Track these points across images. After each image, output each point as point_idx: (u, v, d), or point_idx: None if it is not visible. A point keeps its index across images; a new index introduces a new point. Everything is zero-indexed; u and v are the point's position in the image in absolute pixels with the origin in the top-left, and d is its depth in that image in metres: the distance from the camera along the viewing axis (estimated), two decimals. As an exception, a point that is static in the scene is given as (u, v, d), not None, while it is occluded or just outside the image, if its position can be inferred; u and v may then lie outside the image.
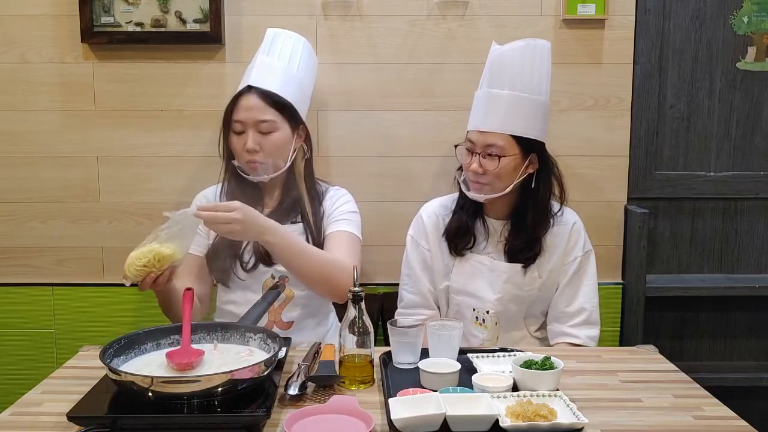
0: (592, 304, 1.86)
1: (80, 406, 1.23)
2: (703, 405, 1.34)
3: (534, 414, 1.20)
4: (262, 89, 1.80)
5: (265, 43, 1.89)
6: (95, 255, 2.22)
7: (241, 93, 1.81)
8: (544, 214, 1.84)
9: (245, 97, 1.80)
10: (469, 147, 1.81)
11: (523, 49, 1.78)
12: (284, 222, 1.80)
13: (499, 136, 1.76)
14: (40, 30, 2.12)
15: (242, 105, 1.79)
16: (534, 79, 1.77)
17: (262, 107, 1.78)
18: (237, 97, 1.81)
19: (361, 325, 1.43)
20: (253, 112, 1.78)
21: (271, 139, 1.79)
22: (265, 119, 1.78)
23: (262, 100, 1.79)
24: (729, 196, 2.30)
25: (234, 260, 1.82)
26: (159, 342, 1.43)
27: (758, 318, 2.34)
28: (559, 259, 1.85)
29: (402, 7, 2.13)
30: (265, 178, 1.82)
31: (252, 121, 1.78)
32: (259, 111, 1.78)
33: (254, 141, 1.77)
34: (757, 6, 2.20)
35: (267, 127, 1.78)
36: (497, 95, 1.77)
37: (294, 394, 1.31)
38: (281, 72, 1.85)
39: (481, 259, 1.86)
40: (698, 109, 2.26)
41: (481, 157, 1.77)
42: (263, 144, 1.78)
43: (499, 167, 1.76)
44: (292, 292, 1.83)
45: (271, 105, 1.79)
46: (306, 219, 1.83)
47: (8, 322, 2.24)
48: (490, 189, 1.79)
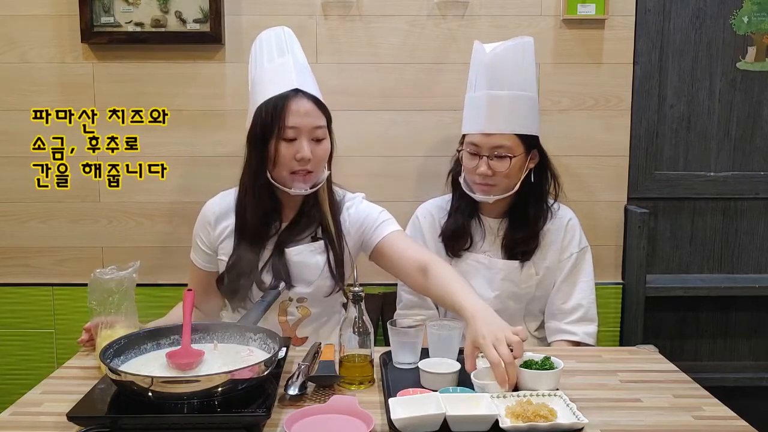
0: (589, 300, 1.87)
1: (80, 406, 1.22)
2: (703, 405, 1.34)
3: (534, 414, 1.20)
4: (310, 93, 1.66)
5: (282, 42, 1.73)
6: (95, 255, 2.22)
7: (288, 96, 1.63)
8: (542, 207, 1.86)
9: (296, 100, 1.63)
10: (473, 150, 1.80)
11: (515, 48, 1.79)
12: (302, 241, 1.71)
13: (506, 137, 1.77)
14: (40, 30, 2.12)
15: (296, 110, 1.62)
16: (528, 77, 1.80)
17: (316, 113, 1.65)
18: (283, 101, 1.63)
19: (361, 325, 1.43)
20: (310, 117, 1.64)
21: (322, 147, 1.67)
22: (320, 125, 1.65)
23: (315, 105, 1.66)
24: (729, 196, 2.30)
25: (250, 281, 1.69)
26: (159, 342, 1.42)
27: (758, 318, 2.34)
28: (555, 256, 1.86)
29: (402, 7, 2.13)
30: (307, 190, 1.68)
31: (308, 128, 1.63)
32: (316, 117, 1.65)
33: (309, 149, 1.63)
34: (757, 6, 2.20)
35: (321, 134, 1.66)
36: (498, 96, 1.77)
37: (294, 394, 1.31)
38: (311, 75, 1.73)
39: (478, 257, 1.87)
40: (698, 109, 2.26)
41: (489, 159, 1.77)
42: (315, 152, 1.64)
43: (510, 167, 1.77)
44: (308, 311, 1.76)
45: (322, 110, 1.67)
46: (328, 235, 1.72)
47: (8, 322, 2.24)
48: (498, 190, 1.80)
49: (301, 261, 1.71)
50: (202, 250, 1.79)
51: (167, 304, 1.94)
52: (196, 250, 1.80)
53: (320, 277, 1.71)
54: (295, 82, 1.66)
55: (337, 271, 1.72)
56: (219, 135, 2.15)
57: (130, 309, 1.52)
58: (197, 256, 1.80)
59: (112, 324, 1.48)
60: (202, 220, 1.79)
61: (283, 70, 1.68)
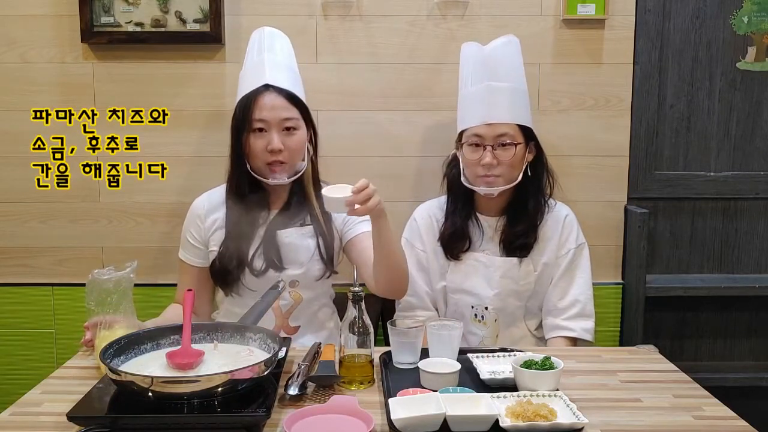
0: (586, 296, 1.87)
1: (80, 406, 1.23)
2: (703, 405, 1.34)
3: (534, 414, 1.20)
4: (281, 87, 1.76)
5: (263, 41, 1.83)
6: (95, 255, 2.22)
7: (258, 92, 1.75)
8: (540, 201, 1.88)
9: (265, 95, 1.74)
10: (476, 142, 1.82)
11: (508, 44, 1.87)
12: (292, 225, 1.78)
13: (508, 125, 1.81)
14: (40, 30, 2.12)
15: (264, 104, 1.73)
16: (521, 72, 1.87)
17: (285, 105, 1.75)
18: (254, 96, 1.74)
19: (361, 325, 1.43)
20: (277, 110, 1.73)
21: (294, 138, 1.75)
22: (289, 117, 1.74)
23: (285, 98, 1.75)
24: (729, 196, 2.30)
25: (242, 267, 1.76)
26: (159, 342, 1.43)
27: (758, 318, 2.34)
28: (553, 252, 1.87)
29: (402, 7, 2.13)
30: (285, 180, 1.77)
31: (277, 120, 1.73)
32: (284, 109, 1.74)
33: (279, 140, 1.72)
34: (757, 6, 2.20)
35: (291, 125, 1.74)
36: (498, 87, 1.81)
37: (294, 394, 1.31)
38: (289, 70, 1.83)
39: (477, 256, 1.87)
40: (698, 109, 2.26)
41: (493, 149, 1.78)
42: (287, 143, 1.73)
43: (515, 155, 1.80)
44: (299, 295, 1.80)
45: (292, 103, 1.76)
46: (317, 221, 1.80)
47: (8, 322, 2.24)
48: (502, 180, 1.82)
49: (292, 242, 1.78)
50: (193, 246, 1.83)
51: (167, 303, 1.93)
52: (186, 248, 1.85)
53: (311, 260, 1.78)
54: (266, 78, 1.75)
55: (327, 255, 1.79)
56: (219, 135, 2.15)
57: (128, 309, 1.52)
58: (187, 253, 1.85)
59: (111, 324, 1.48)
60: (191, 215, 1.86)
61: (257, 69, 1.79)
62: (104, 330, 1.48)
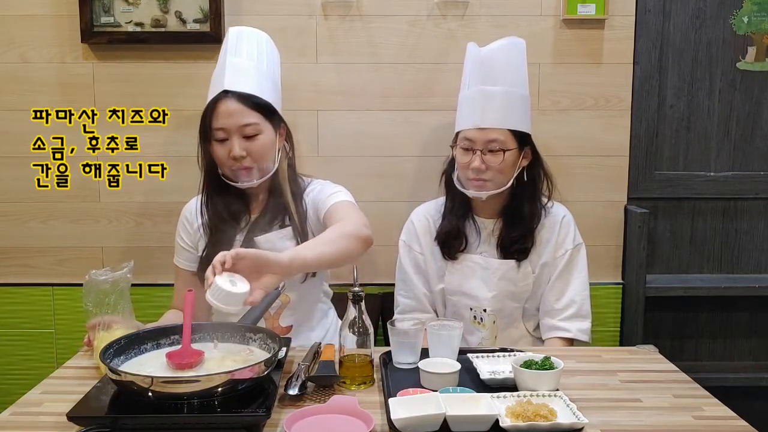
0: (582, 296, 1.87)
1: (80, 406, 1.22)
2: (703, 405, 1.34)
3: (534, 414, 1.20)
4: (239, 92, 1.71)
5: (230, 44, 1.78)
6: (95, 255, 2.22)
7: (218, 99, 1.72)
8: (536, 205, 1.87)
9: (223, 102, 1.71)
10: (466, 146, 1.81)
11: (507, 46, 1.83)
12: (272, 227, 1.77)
13: (499, 131, 1.79)
14: (40, 30, 2.12)
15: (221, 111, 1.70)
16: (520, 75, 1.84)
17: (243, 111, 1.70)
18: (213, 104, 1.72)
19: (361, 325, 1.43)
20: (234, 117, 1.70)
21: (257, 142, 1.72)
22: (248, 122, 1.70)
23: (242, 104, 1.71)
24: (729, 196, 2.30)
25: None
26: (159, 342, 1.42)
27: (758, 318, 2.34)
28: (550, 253, 1.87)
29: (402, 7, 2.13)
30: (254, 183, 1.75)
31: (235, 127, 1.70)
32: (241, 115, 1.70)
33: (240, 147, 1.69)
34: (757, 6, 2.20)
35: (251, 131, 1.71)
36: (491, 92, 1.80)
37: (294, 394, 1.31)
38: (254, 72, 1.76)
39: (474, 258, 1.87)
40: (698, 109, 2.26)
41: (482, 154, 1.78)
42: (249, 149, 1.71)
43: (503, 161, 1.78)
44: (287, 297, 1.80)
45: (252, 107, 1.71)
46: (293, 220, 1.77)
47: (8, 322, 2.24)
48: (492, 185, 1.81)
49: (271, 248, 1.72)
50: (185, 250, 1.85)
51: (167, 304, 1.93)
52: (180, 252, 1.87)
53: None
54: (225, 84, 1.72)
55: None
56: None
57: (126, 309, 1.52)
58: (181, 257, 1.87)
59: (110, 325, 1.48)
60: (181, 220, 1.88)
61: (219, 74, 1.77)
62: (102, 331, 1.48)
